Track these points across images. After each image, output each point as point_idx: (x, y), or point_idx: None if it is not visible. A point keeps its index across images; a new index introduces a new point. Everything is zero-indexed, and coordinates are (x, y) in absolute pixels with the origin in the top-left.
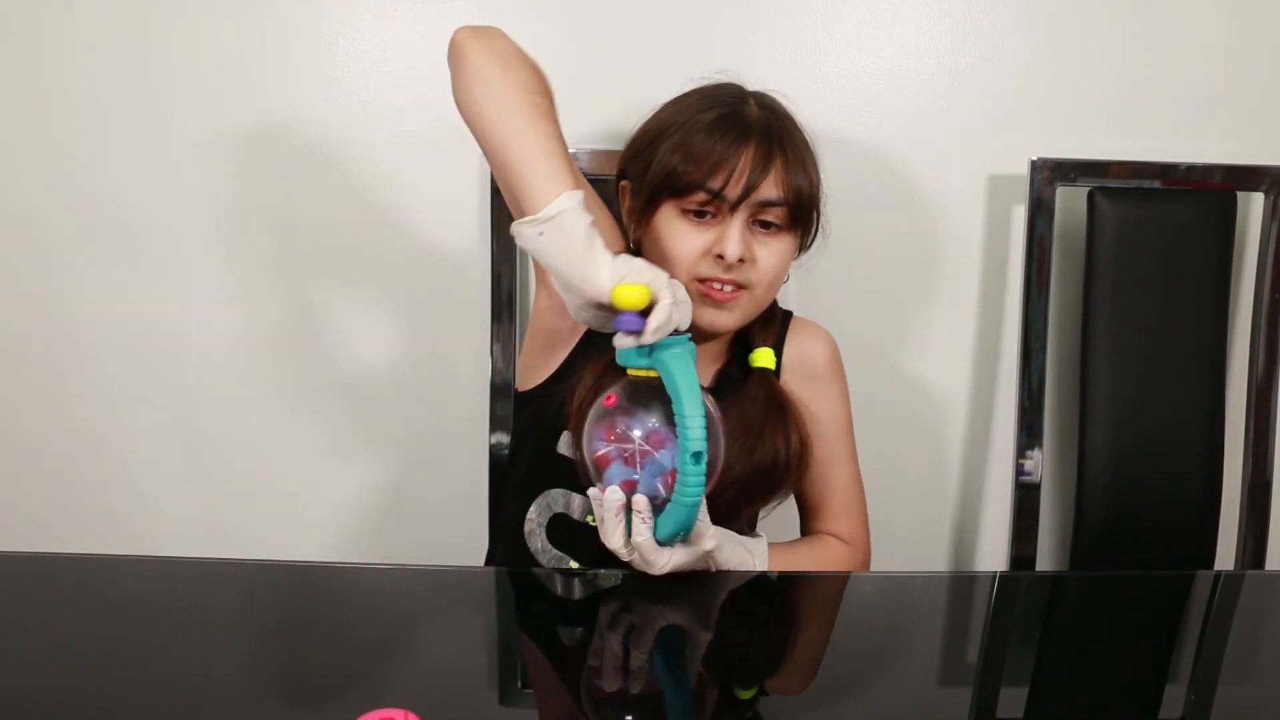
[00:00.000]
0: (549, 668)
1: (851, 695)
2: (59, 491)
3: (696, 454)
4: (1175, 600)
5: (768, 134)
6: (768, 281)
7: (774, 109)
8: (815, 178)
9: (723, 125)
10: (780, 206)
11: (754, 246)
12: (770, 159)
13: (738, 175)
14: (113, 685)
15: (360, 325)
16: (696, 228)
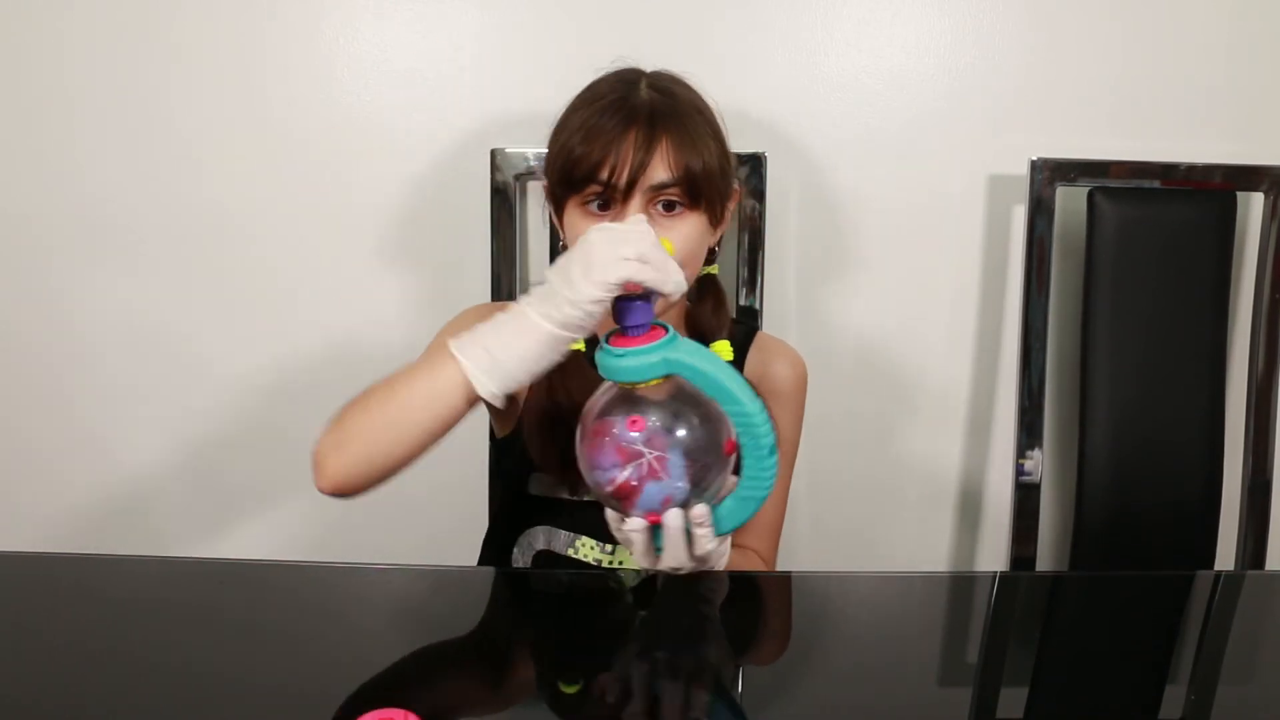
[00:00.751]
0: (549, 667)
1: (852, 695)
2: (59, 491)
3: (771, 448)
4: (1175, 600)
5: (652, 116)
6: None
7: (666, 90)
8: (711, 153)
9: (608, 111)
10: (673, 187)
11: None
12: (654, 140)
13: (622, 162)
14: (113, 685)
15: (360, 325)
16: (598, 221)
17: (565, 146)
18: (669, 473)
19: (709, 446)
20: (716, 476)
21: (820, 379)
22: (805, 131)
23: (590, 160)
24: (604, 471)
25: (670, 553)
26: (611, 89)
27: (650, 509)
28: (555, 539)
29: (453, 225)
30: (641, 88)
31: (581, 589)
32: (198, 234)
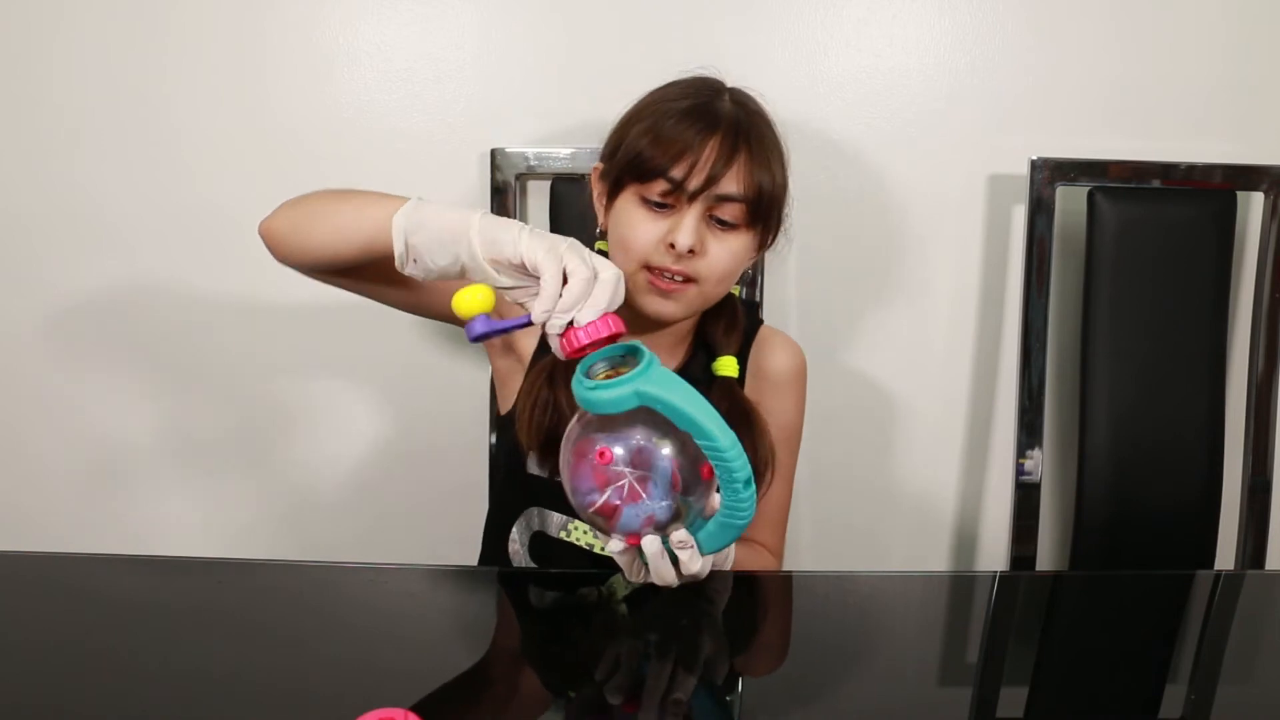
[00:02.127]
0: (549, 667)
1: (852, 695)
2: (59, 491)
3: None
4: (1175, 600)
5: (735, 128)
6: (718, 276)
7: (747, 105)
8: (780, 177)
9: (692, 115)
10: (739, 203)
11: (708, 240)
12: (735, 153)
13: (700, 165)
14: (113, 685)
15: (358, 325)
16: (654, 216)
17: (640, 137)
18: (649, 494)
19: (687, 468)
20: (698, 499)
21: (820, 378)
22: (805, 131)
23: (667, 157)
24: (584, 495)
25: (655, 573)
26: (693, 93)
27: (630, 531)
28: (549, 521)
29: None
30: (725, 99)
31: (582, 588)
32: (195, 233)
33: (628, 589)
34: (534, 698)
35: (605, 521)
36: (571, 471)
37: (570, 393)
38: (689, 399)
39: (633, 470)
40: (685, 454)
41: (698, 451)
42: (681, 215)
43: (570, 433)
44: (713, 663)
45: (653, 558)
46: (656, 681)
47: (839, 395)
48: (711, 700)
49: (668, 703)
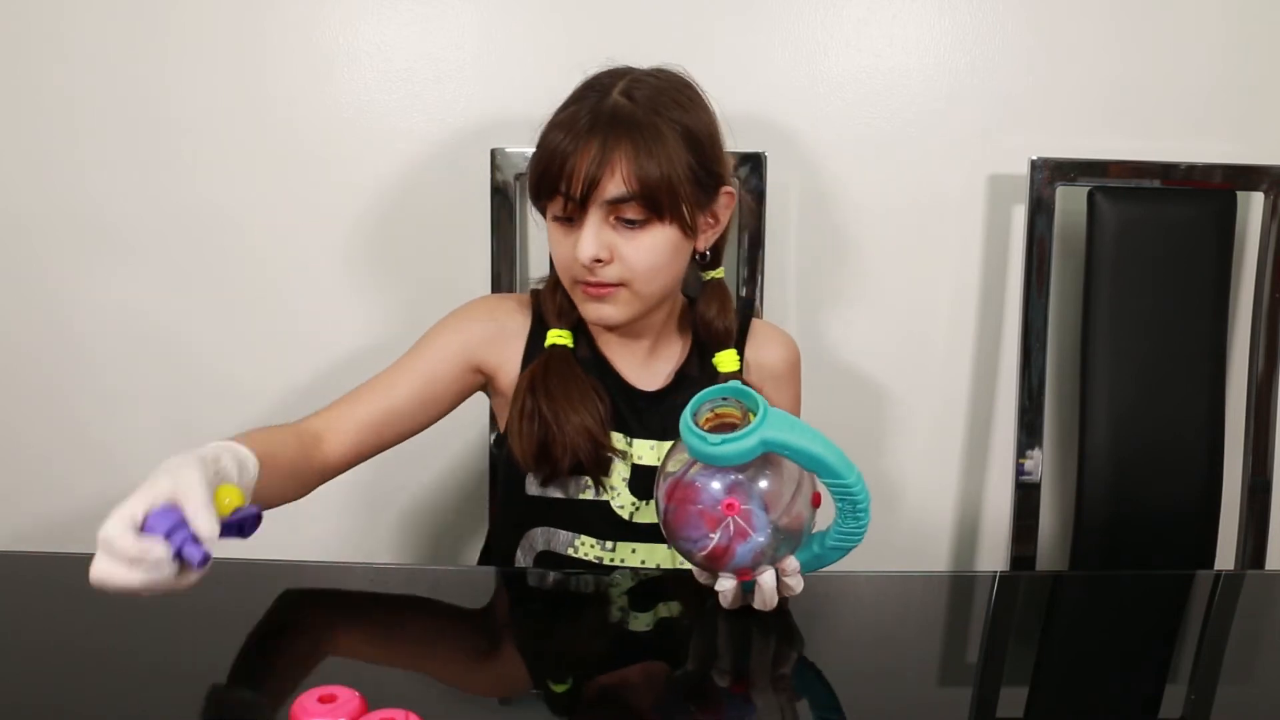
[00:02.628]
0: (551, 667)
1: (852, 695)
2: (59, 491)
3: (866, 507)
4: (1175, 600)
5: (612, 125)
6: (644, 275)
7: (637, 96)
8: (680, 160)
9: (567, 124)
10: (630, 201)
11: (618, 243)
12: (611, 151)
13: (578, 175)
14: (113, 685)
15: (360, 325)
16: (566, 231)
17: (534, 154)
18: (754, 528)
19: (795, 501)
20: (805, 528)
21: (820, 378)
22: (805, 131)
23: (551, 172)
24: (694, 541)
25: (762, 602)
26: (583, 96)
27: (742, 567)
28: (555, 539)
29: (453, 225)
30: (613, 94)
31: (583, 588)
32: (196, 234)
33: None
34: (535, 697)
35: (715, 563)
36: (676, 519)
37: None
38: (810, 438)
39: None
40: (790, 490)
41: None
42: (583, 225)
43: (664, 480)
44: (712, 662)
45: (768, 591)
46: (656, 681)
47: (839, 395)
48: (712, 700)
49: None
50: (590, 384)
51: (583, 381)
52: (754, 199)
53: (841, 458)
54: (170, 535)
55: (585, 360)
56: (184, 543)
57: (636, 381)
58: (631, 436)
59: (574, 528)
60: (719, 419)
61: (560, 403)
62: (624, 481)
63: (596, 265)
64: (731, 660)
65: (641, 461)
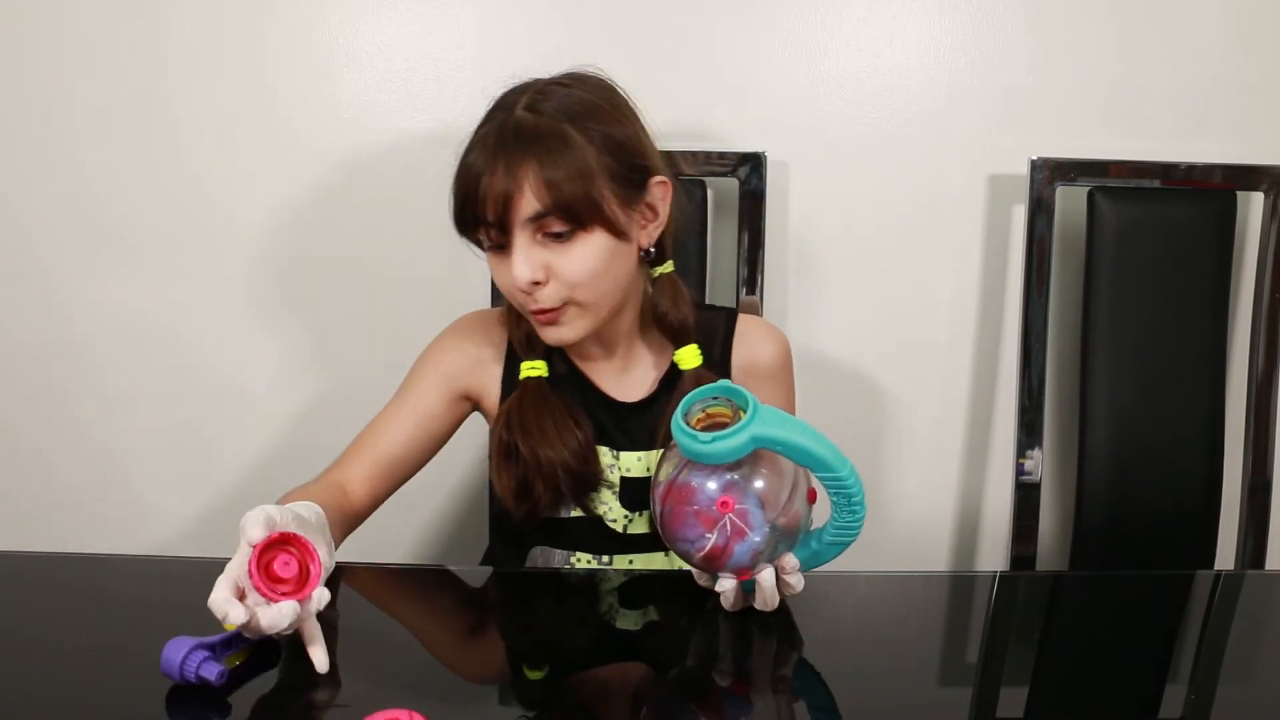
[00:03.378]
0: (550, 667)
1: (852, 695)
2: (59, 491)
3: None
4: (1175, 600)
5: (518, 141)
6: (585, 287)
7: (542, 106)
8: (593, 164)
9: (474, 150)
10: (548, 216)
11: (550, 260)
12: (516, 168)
13: (490, 198)
14: (112, 685)
15: (359, 326)
16: (501, 259)
17: (452, 189)
18: (751, 526)
19: (792, 498)
20: (802, 525)
21: (819, 378)
22: (805, 131)
23: (468, 205)
24: (691, 542)
25: (763, 601)
26: (490, 118)
27: (740, 567)
28: (552, 557)
29: (452, 225)
30: (517, 110)
31: (584, 589)
32: (196, 234)
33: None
34: (536, 697)
35: (713, 563)
36: (672, 521)
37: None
38: (801, 432)
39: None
40: (785, 488)
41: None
42: (510, 249)
43: (665, 483)
44: (713, 663)
45: (768, 589)
46: (657, 682)
47: (839, 395)
48: (713, 700)
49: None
50: (569, 410)
51: (560, 412)
52: (754, 199)
53: (835, 452)
54: (185, 662)
55: (564, 379)
56: (200, 664)
57: (617, 394)
58: (618, 449)
59: (569, 545)
60: (710, 418)
61: (536, 439)
62: (614, 495)
63: (535, 289)
64: (732, 660)
65: (630, 474)
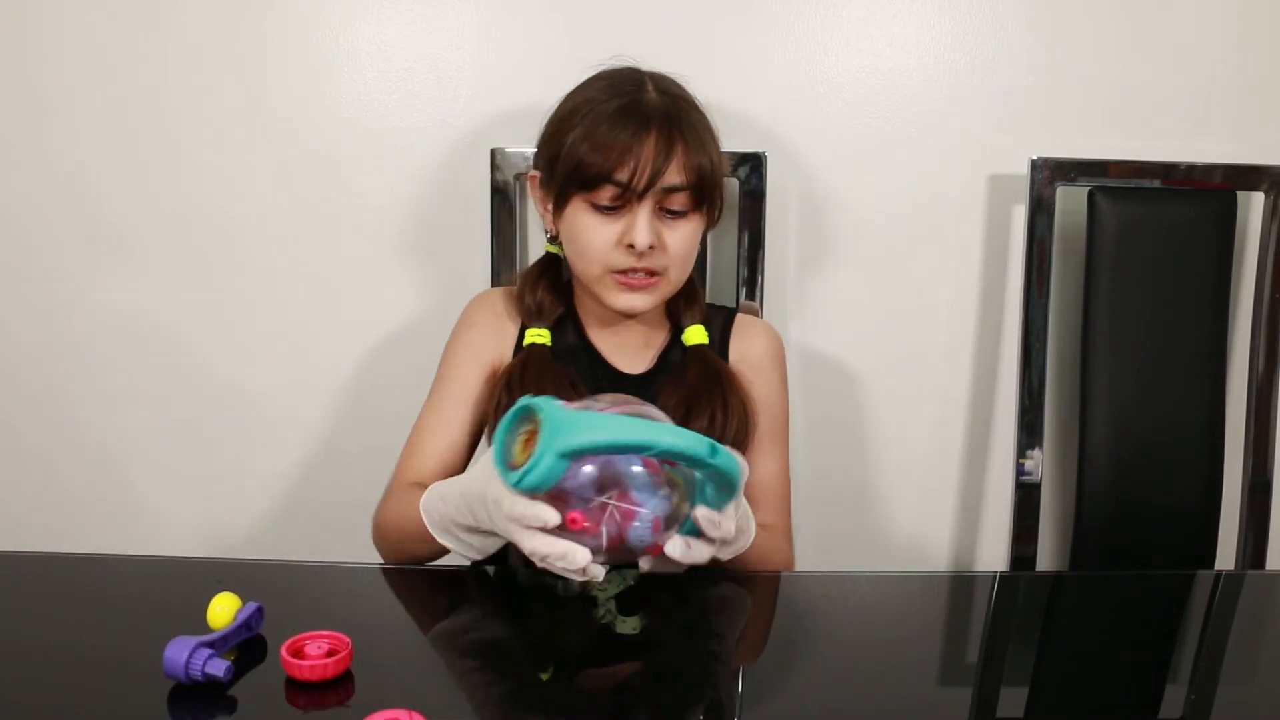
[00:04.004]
0: (550, 665)
1: (852, 695)
2: (58, 491)
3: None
4: (1175, 600)
5: (667, 120)
6: (680, 263)
7: (671, 93)
8: (716, 155)
9: (624, 115)
10: (685, 191)
11: (663, 233)
12: (672, 145)
13: (643, 165)
14: (112, 685)
15: (359, 325)
16: (605, 220)
17: (577, 146)
18: (640, 503)
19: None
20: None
21: (820, 378)
22: (805, 131)
23: (609, 163)
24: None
25: (692, 560)
26: (619, 90)
27: (647, 543)
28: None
29: (453, 225)
30: (649, 90)
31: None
32: (196, 234)
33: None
34: (536, 696)
35: (621, 554)
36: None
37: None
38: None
39: (608, 495)
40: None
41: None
42: (634, 215)
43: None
44: (713, 662)
45: (684, 558)
46: (655, 681)
47: (838, 394)
48: (711, 699)
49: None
50: (569, 379)
51: (560, 379)
52: (754, 199)
53: (642, 426)
54: (190, 660)
55: (572, 348)
56: (206, 661)
57: (623, 366)
58: None
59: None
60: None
61: None
62: None
63: (650, 252)
64: (731, 660)
65: None
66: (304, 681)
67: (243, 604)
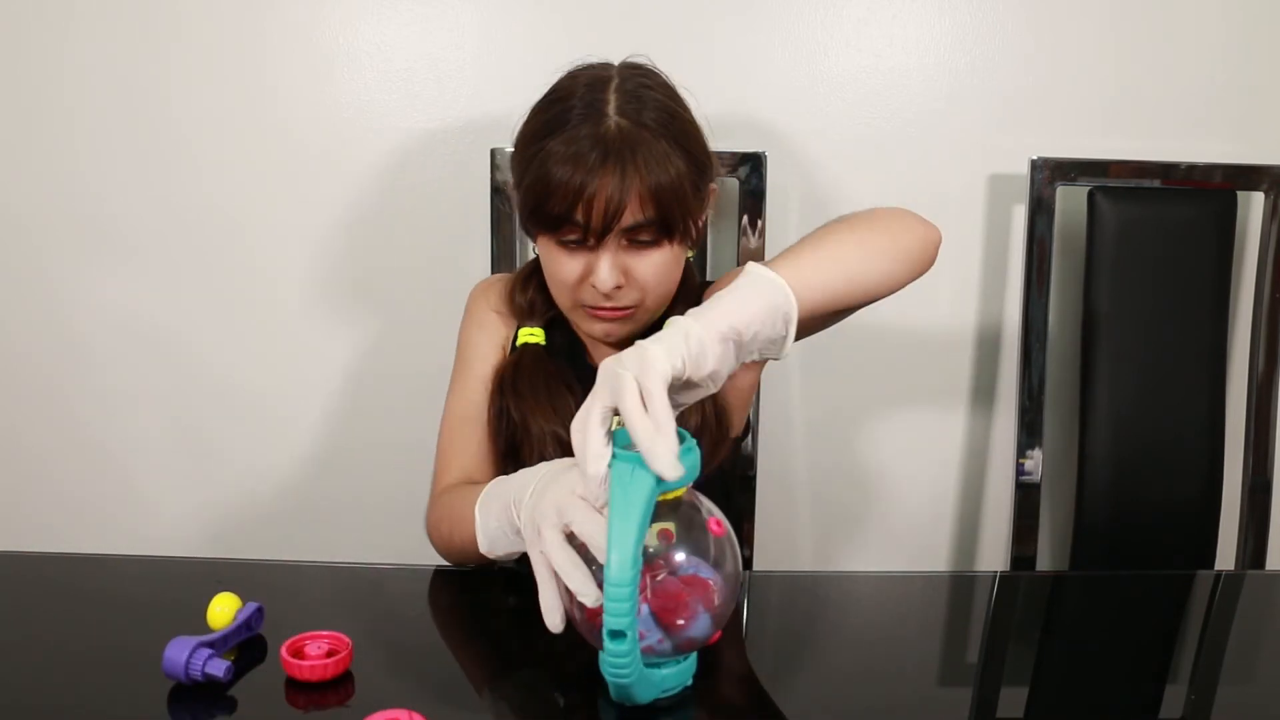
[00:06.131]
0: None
1: (852, 695)
2: (58, 491)
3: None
4: (1175, 600)
5: (622, 151)
6: (655, 291)
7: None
8: (682, 169)
9: (577, 156)
10: (648, 226)
11: (632, 266)
12: (629, 181)
13: (599, 206)
14: (112, 685)
15: (359, 325)
16: (571, 255)
17: (534, 188)
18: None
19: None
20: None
21: (820, 379)
22: (805, 131)
23: (564, 205)
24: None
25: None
26: (577, 117)
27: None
28: None
29: (453, 225)
30: (609, 115)
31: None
32: (195, 234)
33: None
34: (536, 696)
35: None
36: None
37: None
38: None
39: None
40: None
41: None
42: (598, 255)
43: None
44: (711, 662)
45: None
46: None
47: (839, 395)
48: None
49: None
50: (563, 380)
51: (555, 380)
52: (754, 199)
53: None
54: (190, 660)
55: (561, 348)
56: (206, 661)
57: None
58: None
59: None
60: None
61: (529, 403)
62: None
63: (616, 292)
64: (730, 660)
65: None
66: (304, 681)
67: (243, 604)
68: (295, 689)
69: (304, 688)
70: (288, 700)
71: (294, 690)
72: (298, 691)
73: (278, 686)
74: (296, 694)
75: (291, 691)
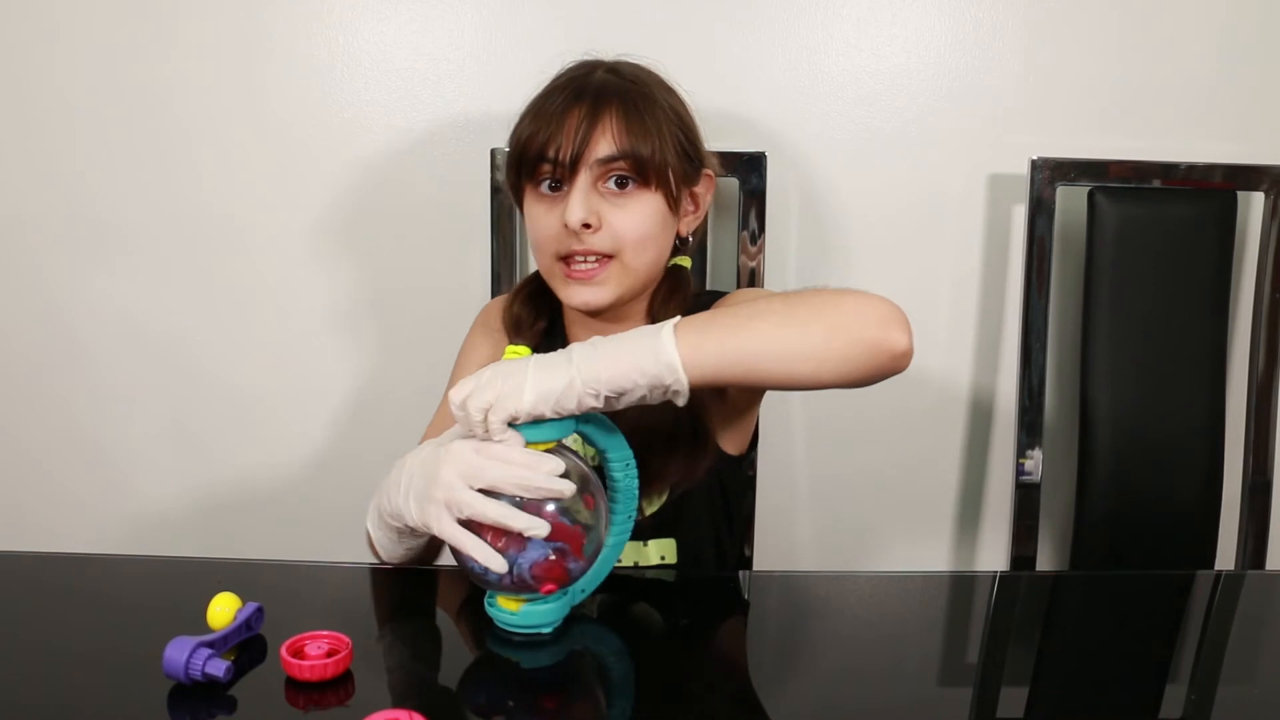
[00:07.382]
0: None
1: (852, 695)
2: (58, 492)
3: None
4: (1175, 600)
5: (598, 93)
6: (632, 243)
7: (621, 72)
8: (667, 136)
9: (556, 92)
10: (619, 161)
11: (604, 210)
12: (598, 115)
13: (568, 135)
14: (112, 685)
15: (359, 325)
16: (550, 204)
17: (518, 129)
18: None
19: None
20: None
21: None
22: (805, 131)
23: (538, 140)
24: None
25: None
26: (568, 73)
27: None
28: None
29: (453, 225)
30: (598, 72)
31: None
32: (195, 234)
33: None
34: (536, 696)
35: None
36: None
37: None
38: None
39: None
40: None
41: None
42: (572, 190)
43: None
44: (711, 662)
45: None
46: (653, 680)
47: (838, 395)
48: (710, 700)
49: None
50: None
51: None
52: (754, 199)
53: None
54: (190, 660)
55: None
56: (206, 661)
57: None
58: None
59: None
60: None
61: None
62: None
63: (585, 231)
64: (730, 660)
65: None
66: (304, 681)
67: (243, 604)
68: (295, 689)
69: (304, 688)
70: (287, 700)
71: (294, 690)
72: (297, 691)
73: (277, 686)
74: (296, 694)
75: (291, 691)
